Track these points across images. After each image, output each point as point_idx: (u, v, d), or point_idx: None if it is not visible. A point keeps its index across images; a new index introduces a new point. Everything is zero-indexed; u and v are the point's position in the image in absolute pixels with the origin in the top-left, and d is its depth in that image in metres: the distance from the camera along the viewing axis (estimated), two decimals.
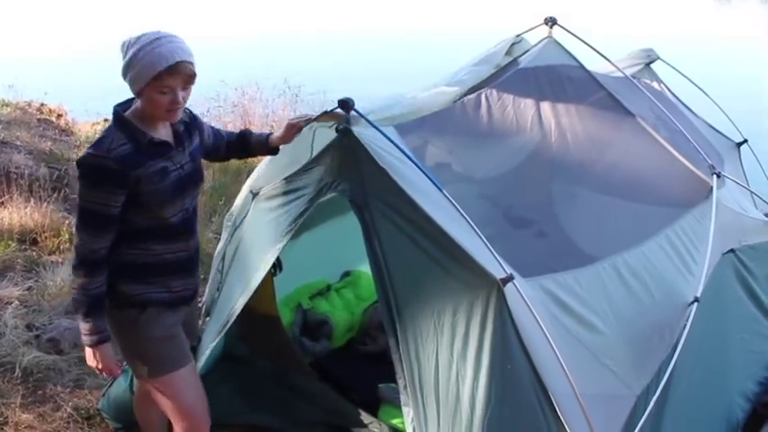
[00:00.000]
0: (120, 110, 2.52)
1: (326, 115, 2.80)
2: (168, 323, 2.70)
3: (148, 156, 2.47)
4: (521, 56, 3.78)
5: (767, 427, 3.44)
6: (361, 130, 2.70)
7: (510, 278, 2.43)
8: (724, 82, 10.46)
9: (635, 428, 2.73)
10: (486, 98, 3.36)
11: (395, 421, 3.29)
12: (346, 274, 4.55)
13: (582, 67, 3.68)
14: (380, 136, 2.70)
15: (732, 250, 3.53)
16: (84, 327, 2.56)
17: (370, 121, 2.70)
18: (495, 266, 2.46)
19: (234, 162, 8.02)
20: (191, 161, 2.67)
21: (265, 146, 3.00)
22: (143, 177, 2.45)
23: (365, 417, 3.41)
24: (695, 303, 2.97)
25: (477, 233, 2.50)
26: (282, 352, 3.72)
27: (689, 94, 4.74)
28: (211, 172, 7.57)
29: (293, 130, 2.90)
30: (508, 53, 3.85)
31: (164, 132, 2.58)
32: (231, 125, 9.20)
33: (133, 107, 2.53)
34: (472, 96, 3.36)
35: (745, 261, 3.67)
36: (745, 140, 4.65)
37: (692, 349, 3.05)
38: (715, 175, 3.42)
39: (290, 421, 3.59)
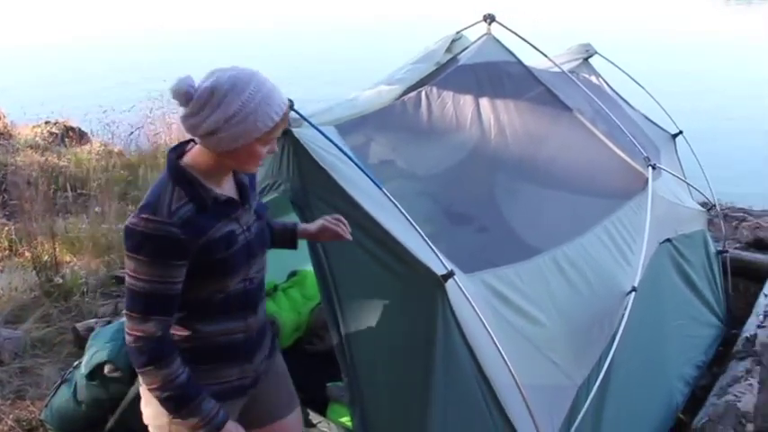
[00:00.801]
0: (176, 158, 2.03)
1: None
2: None
3: (214, 218, 2.00)
4: (460, 53, 3.81)
5: (704, 409, 3.53)
6: (300, 131, 2.71)
7: (450, 274, 2.46)
8: (661, 75, 10.71)
9: (577, 417, 2.79)
10: (427, 96, 3.39)
11: (343, 419, 3.30)
12: (293, 273, 4.54)
13: (520, 63, 3.74)
14: (321, 136, 2.71)
15: (668, 239, 3.62)
16: (196, 420, 2.02)
17: (309, 122, 2.70)
18: (436, 263, 2.49)
19: None
20: (257, 219, 2.20)
21: (289, 238, 2.50)
22: (208, 245, 1.97)
23: (314, 416, 3.41)
24: (633, 293, 3.04)
25: (418, 231, 2.53)
26: None
27: (627, 88, 4.84)
28: (156, 174, 7.49)
29: (328, 233, 2.39)
30: (448, 50, 3.88)
31: (227, 187, 2.10)
32: (175, 126, 9.09)
33: (192, 155, 2.02)
34: (412, 94, 3.38)
35: (681, 249, 3.77)
36: (681, 132, 4.76)
37: (631, 337, 3.12)
38: (650, 167, 3.51)
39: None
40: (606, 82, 4.78)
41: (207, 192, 2.00)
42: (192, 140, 2.05)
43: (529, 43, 3.77)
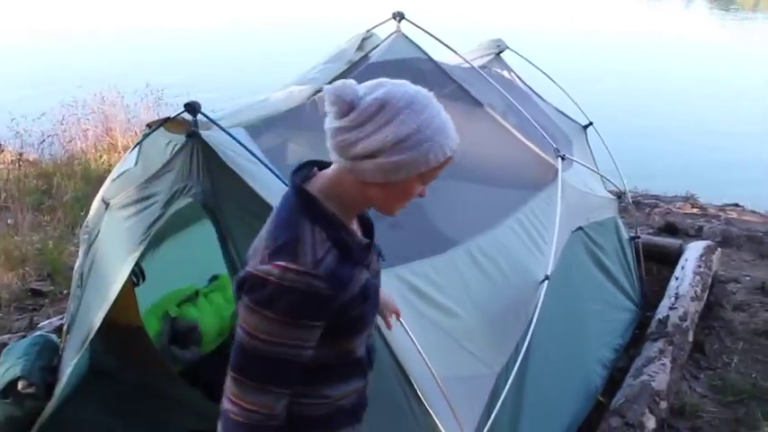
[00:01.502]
0: (302, 185, 1.64)
1: (173, 122, 2.76)
2: None
3: (353, 266, 1.62)
4: (371, 51, 3.83)
5: (621, 390, 3.65)
6: (209, 134, 2.68)
7: None
8: (573, 70, 10.99)
9: (496, 404, 2.85)
10: None
11: None
12: (214, 278, 4.49)
13: (431, 59, 3.78)
14: (230, 139, 2.69)
15: (581, 227, 3.72)
16: None
17: (218, 124, 2.68)
18: None
19: (97, 169, 7.78)
20: (377, 262, 1.85)
21: None
22: (347, 302, 1.61)
23: None
24: (546, 281, 3.11)
25: None
26: (150, 362, 3.64)
27: (539, 82, 4.95)
28: (73, 183, 7.31)
29: (386, 307, 2.14)
30: (360, 49, 3.89)
31: (355, 226, 1.73)
32: (91, 132, 8.88)
33: (325, 184, 1.63)
34: (323, 94, 3.37)
35: (594, 236, 3.88)
36: (591, 123, 4.89)
37: (548, 324, 3.20)
38: (560, 158, 3.60)
39: None
40: (518, 76, 4.87)
41: (351, 236, 1.63)
42: (318, 164, 1.70)
43: (438, 40, 3.83)
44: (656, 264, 5.23)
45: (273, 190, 2.64)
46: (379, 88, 1.56)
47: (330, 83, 3.53)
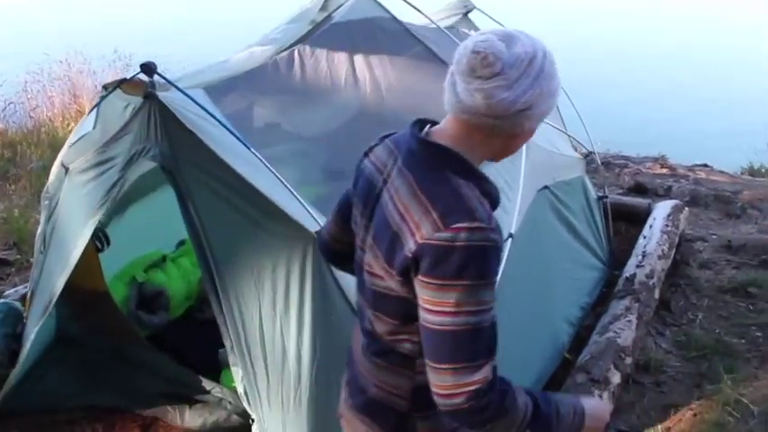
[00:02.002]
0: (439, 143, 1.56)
1: (129, 83, 2.72)
2: None
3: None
4: (335, 10, 3.79)
5: (587, 347, 3.69)
6: (166, 95, 2.65)
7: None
8: (543, 32, 10.95)
9: None
10: (300, 55, 3.37)
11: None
12: (182, 242, 4.46)
13: (395, 19, 3.75)
14: (189, 100, 2.66)
15: (546, 186, 3.73)
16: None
17: (174, 85, 2.65)
18: (310, 220, 2.50)
19: (64, 137, 7.65)
20: None
21: None
22: None
23: (207, 383, 3.40)
24: (510, 239, 3.12)
25: (290, 189, 2.52)
26: (116, 328, 3.63)
27: None
28: (39, 151, 7.21)
29: None
30: (323, 8, 3.84)
31: None
32: (58, 99, 8.75)
33: (458, 140, 1.56)
34: (285, 54, 3.35)
35: (560, 196, 3.90)
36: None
37: (512, 283, 3.20)
38: None
39: (131, 397, 3.54)
40: None
41: (494, 187, 1.58)
42: (423, 121, 1.66)
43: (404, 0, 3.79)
44: (624, 223, 5.26)
45: (233, 150, 2.63)
46: (515, 41, 1.48)
47: (293, 43, 3.50)
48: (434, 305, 1.42)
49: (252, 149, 2.56)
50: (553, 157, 3.88)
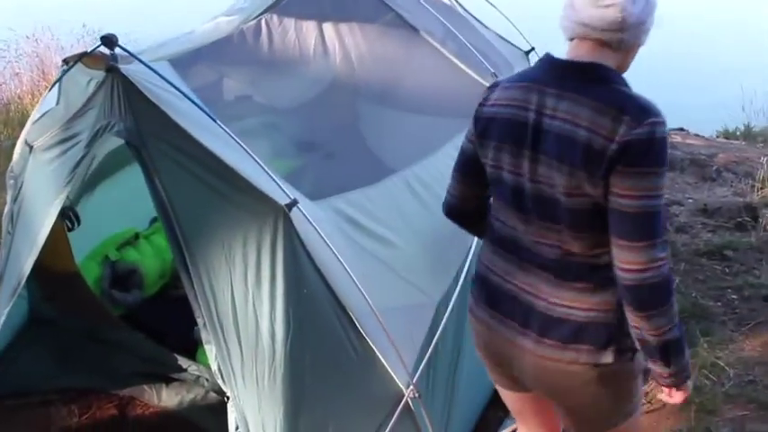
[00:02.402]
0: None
1: (90, 57, 2.63)
2: None
3: None
4: None
5: None
6: (129, 68, 2.57)
7: (294, 203, 2.42)
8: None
9: (437, 330, 2.85)
10: (267, 24, 3.29)
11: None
12: (155, 219, 4.39)
13: None
14: (153, 73, 2.58)
15: None
16: (682, 364, 1.83)
17: (138, 58, 2.57)
18: (279, 193, 2.44)
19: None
20: None
21: None
22: None
23: (183, 361, 3.36)
24: None
25: (258, 162, 2.46)
26: (90, 308, 3.58)
27: (479, 8, 4.86)
28: (9, 129, 7.07)
29: None
30: None
31: None
32: (27, 76, 8.56)
33: (594, 57, 1.80)
34: (252, 23, 3.27)
35: None
36: (533, 48, 4.83)
37: None
38: None
39: (107, 377, 3.50)
40: (458, 2, 4.78)
41: None
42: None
43: None
44: None
45: (200, 123, 2.56)
46: None
47: (261, 13, 3.42)
48: (636, 191, 1.67)
49: (218, 122, 2.49)
50: None
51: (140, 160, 2.60)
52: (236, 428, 2.67)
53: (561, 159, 1.76)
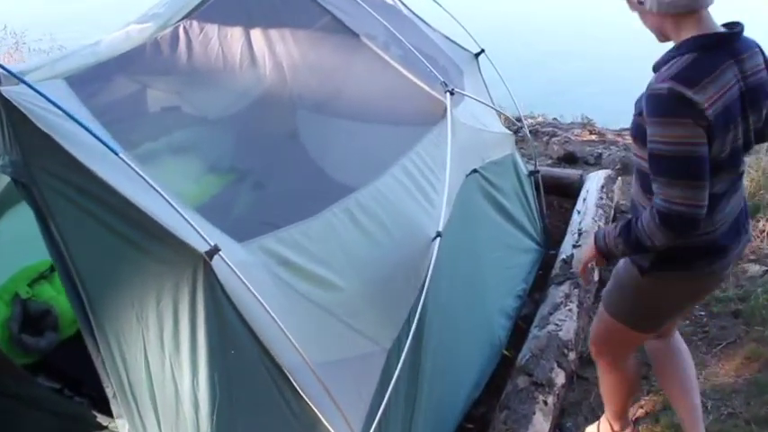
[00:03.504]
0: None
1: None
2: None
3: None
4: None
5: (527, 343, 3.36)
6: (14, 90, 2.12)
7: (216, 250, 2.02)
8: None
9: (390, 381, 2.49)
10: (185, 32, 2.86)
11: None
12: None
13: None
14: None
15: (475, 170, 3.33)
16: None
17: (18, 77, 2.12)
18: (197, 239, 2.04)
19: None
20: None
21: None
22: None
23: (102, 418, 2.92)
24: (438, 238, 2.72)
25: (170, 203, 2.05)
26: None
27: (425, 8, 4.50)
28: None
29: None
30: None
31: None
32: None
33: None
34: (168, 31, 2.84)
35: (490, 178, 3.52)
36: (483, 51, 4.49)
37: (444, 283, 2.85)
38: (449, 93, 3.16)
39: None
40: (402, 2, 4.41)
41: None
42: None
43: None
44: (557, 197, 4.96)
45: (104, 156, 2.13)
46: None
47: (181, 18, 2.97)
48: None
49: (121, 155, 2.07)
50: (482, 136, 3.49)
51: (30, 200, 2.16)
52: None
53: (762, 104, 2.11)
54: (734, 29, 2.06)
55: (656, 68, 2.08)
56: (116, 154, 2.07)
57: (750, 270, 4.36)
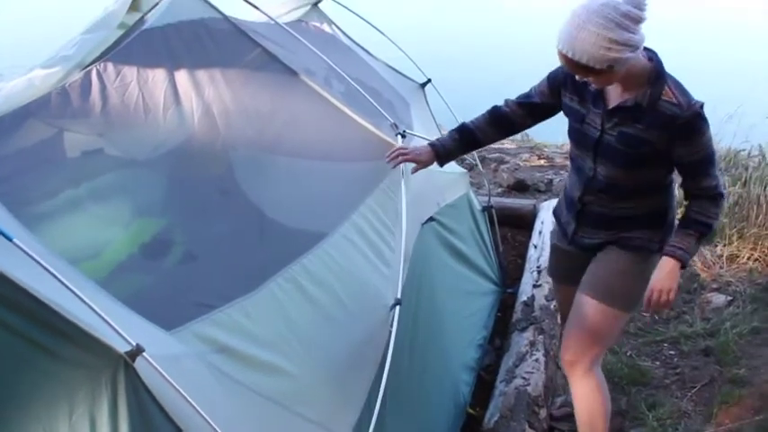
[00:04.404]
0: None
1: None
2: None
3: None
4: (149, 12, 2.95)
5: (494, 401, 3.09)
6: None
7: (138, 351, 1.68)
8: (404, 22, 10.26)
9: None
10: (99, 76, 2.52)
11: None
12: None
13: (226, 19, 2.94)
14: None
15: (431, 218, 3.05)
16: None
17: None
18: (116, 338, 1.69)
19: None
20: None
21: None
22: None
23: None
24: (397, 306, 2.41)
25: (80, 297, 1.70)
26: None
27: (366, 37, 4.24)
28: None
29: None
30: (134, 8, 3.00)
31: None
32: None
33: None
34: (78, 76, 2.49)
35: (447, 223, 3.25)
36: (429, 80, 4.25)
37: (405, 354, 2.56)
38: (400, 135, 2.88)
39: None
40: (341, 30, 4.13)
41: None
42: None
43: None
44: (510, 228, 4.74)
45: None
46: None
47: (93, 62, 2.60)
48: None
49: (15, 241, 1.71)
50: (436, 179, 3.20)
51: None
52: None
53: None
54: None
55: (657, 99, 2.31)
56: (9, 240, 1.71)
57: (714, 300, 4.21)
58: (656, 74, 2.29)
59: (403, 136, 2.88)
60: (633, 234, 2.54)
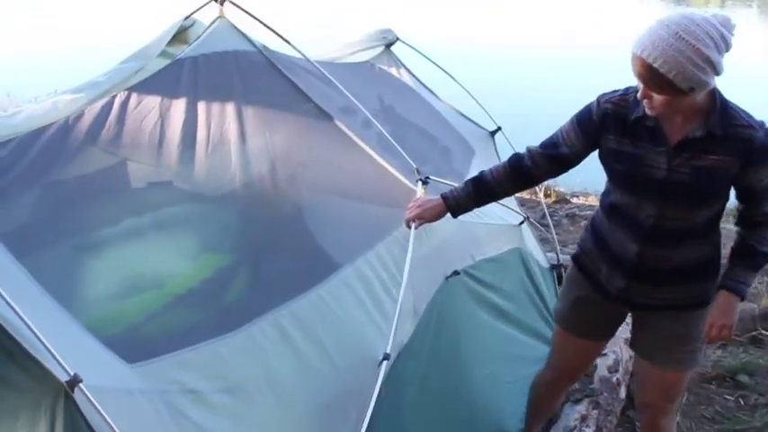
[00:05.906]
0: None
1: None
2: None
3: None
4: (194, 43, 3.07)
5: None
6: None
7: (75, 381, 1.72)
8: (480, 73, 10.12)
9: None
10: (122, 105, 2.64)
11: None
12: None
13: (261, 52, 3.03)
14: None
15: (457, 272, 2.96)
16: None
17: None
18: (56, 366, 1.74)
19: None
20: None
21: None
22: None
23: None
24: (385, 362, 2.33)
25: (25, 321, 1.75)
26: None
27: (439, 83, 4.26)
28: None
29: None
30: (180, 40, 3.15)
31: None
32: None
33: None
34: (99, 104, 2.62)
35: (482, 277, 3.14)
36: (499, 128, 4.21)
37: (407, 413, 2.48)
38: (420, 182, 2.82)
39: None
40: (410, 72, 4.17)
41: None
42: None
43: (269, 28, 3.07)
44: None
45: None
46: None
47: (131, 88, 2.72)
48: None
49: None
50: (471, 229, 3.13)
51: None
52: None
53: None
54: None
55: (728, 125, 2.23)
56: None
57: None
58: (720, 98, 2.21)
59: (424, 182, 2.83)
60: (695, 285, 2.45)
